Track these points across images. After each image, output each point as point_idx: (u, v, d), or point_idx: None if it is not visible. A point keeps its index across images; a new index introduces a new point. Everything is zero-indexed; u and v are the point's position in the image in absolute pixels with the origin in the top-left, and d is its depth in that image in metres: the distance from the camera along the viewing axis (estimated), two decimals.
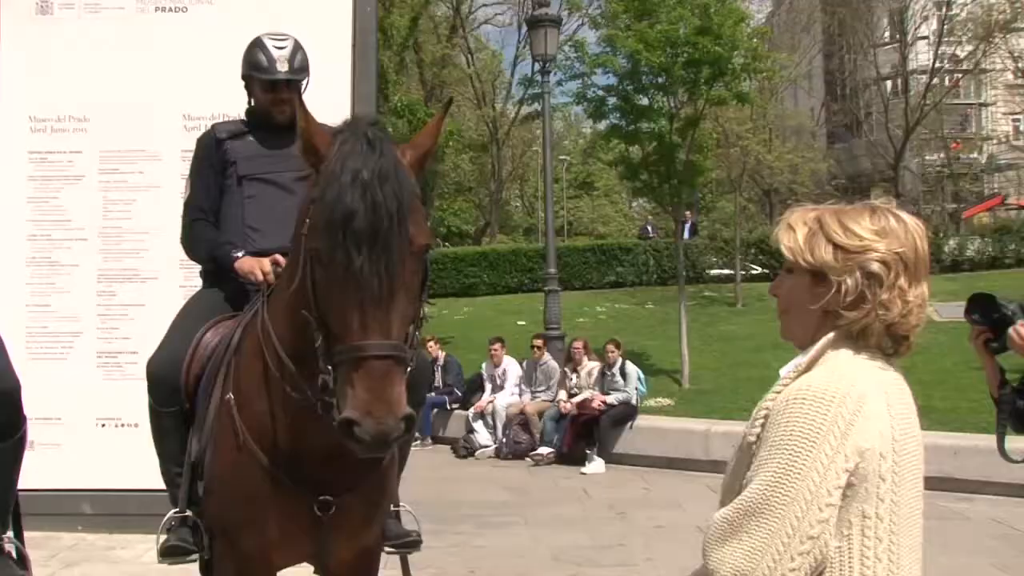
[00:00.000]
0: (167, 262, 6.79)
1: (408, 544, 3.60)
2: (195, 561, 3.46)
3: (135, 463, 5.49)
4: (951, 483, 8.75)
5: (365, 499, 3.12)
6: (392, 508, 3.54)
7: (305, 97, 3.93)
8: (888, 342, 1.99)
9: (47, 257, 7.02)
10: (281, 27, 4.20)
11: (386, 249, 2.45)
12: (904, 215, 2.03)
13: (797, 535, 1.84)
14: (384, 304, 2.45)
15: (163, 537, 3.42)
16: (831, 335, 1.98)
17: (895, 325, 1.96)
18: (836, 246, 1.98)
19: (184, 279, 6.42)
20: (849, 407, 1.86)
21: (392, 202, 2.47)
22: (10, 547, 3.48)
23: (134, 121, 7.08)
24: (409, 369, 2.53)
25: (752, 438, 1.96)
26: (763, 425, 1.94)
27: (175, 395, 3.51)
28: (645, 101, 15.57)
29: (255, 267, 3.49)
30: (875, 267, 1.94)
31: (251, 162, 3.90)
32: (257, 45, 3.98)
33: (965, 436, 9.45)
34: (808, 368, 1.97)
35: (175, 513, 3.43)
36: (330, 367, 2.50)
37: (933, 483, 8.25)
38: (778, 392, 1.95)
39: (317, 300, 2.57)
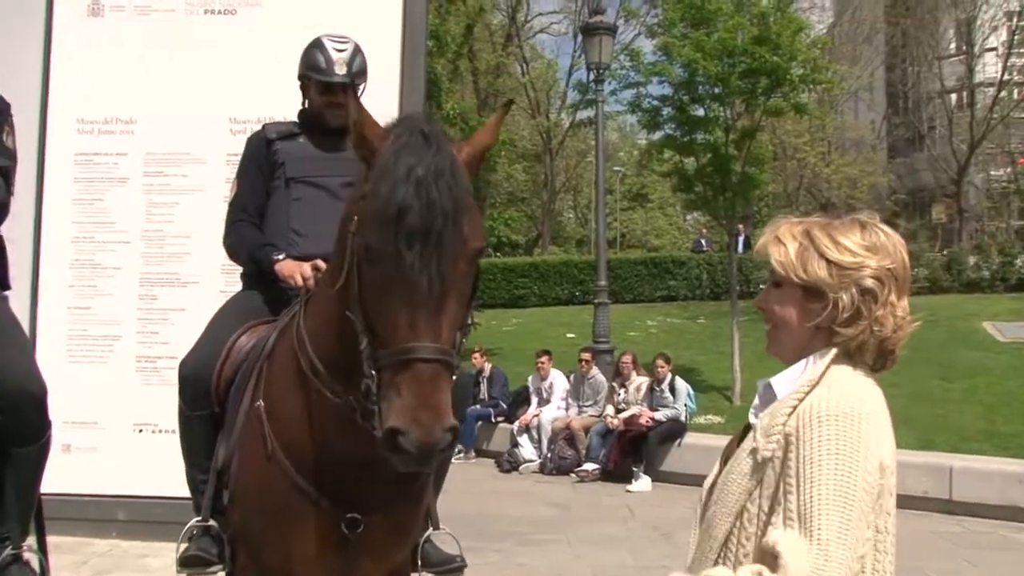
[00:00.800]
0: (209, 267, 6.78)
1: (451, 571, 3.48)
2: (216, 573, 3.37)
3: (171, 470, 5.39)
4: (1016, 512, 8.46)
5: (396, 519, 3.03)
6: (432, 530, 3.42)
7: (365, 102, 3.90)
8: (877, 358, 2.03)
9: (90, 259, 7.05)
10: (330, 30, 4.15)
11: (440, 247, 2.35)
12: (890, 230, 2.06)
13: (855, 556, 1.84)
14: (435, 305, 2.36)
15: (184, 545, 3.35)
16: (834, 351, 2.00)
17: (887, 340, 2.01)
18: (830, 262, 2.00)
19: (225, 284, 6.40)
20: (873, 425, 1.89)
21: (448, 200, 2.38)
22: (29, 556, 3.44)
23: (180, 124, 7.10)
24: (454, 378, 2.43)
25: (768, 454, 1.94)
26: (784, 444, 1.92)
27: (205, 398, 3.45)
28: (701, 112, 15.42)
29: (295, 271, 3.43)
30: (870, 283, 1.98)
31: (301, 164, 3.86)
32: (316, 46, 3.94)
33: None
34: (815, 386, 1.97)
35: (197, 522, 3.36)
36: (374, 372, 2.40)
37: (997, 512, 8.08)
38: (792, 406, 1.95)
39: (364, 300, 2.48)
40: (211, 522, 3.31)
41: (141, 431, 6.84)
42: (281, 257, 3.60)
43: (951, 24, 38.74)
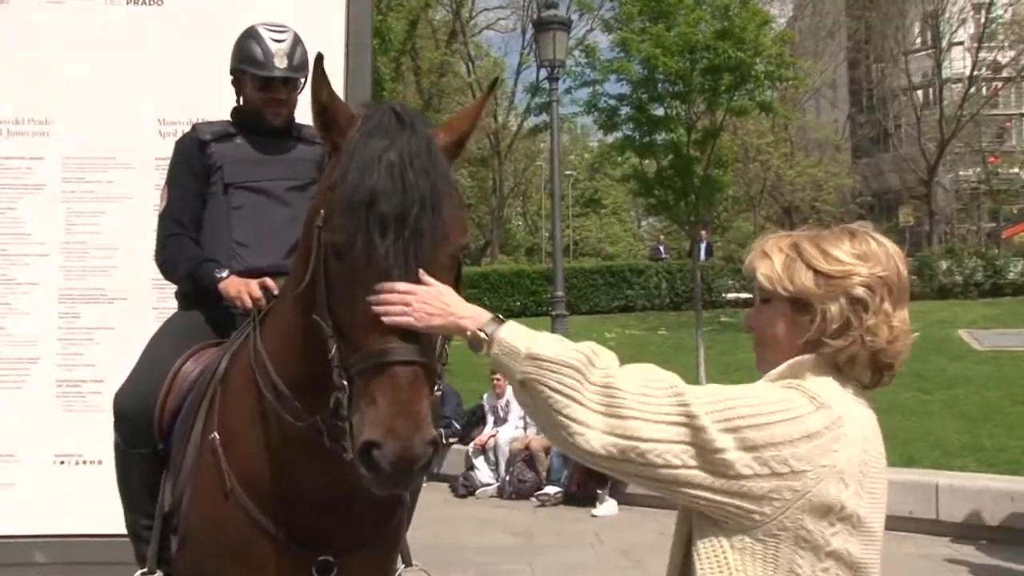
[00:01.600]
0: (138, 281, 6.52)
1: None
2: None
3: (97, 505, 5.25)
4: (1010, 533, 8.39)
5: (373, 560, 2.89)
6: (404, 568, 3.29)
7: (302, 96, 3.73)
8: (868, 372, 2.06)
9: (2, 275, 6.73)
10: (268, 20, 3.97)
11: (417, 236, 2.22)
12: (884, 239, 2.11)
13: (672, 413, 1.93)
14: None
15: None
16: (810, 356, 2.04)
17: (881, 352, 2.04)
18: (817, 272, 2.05)
19: (157, 300, 6.16)
20: (825, 419, 1.93)
21: (424, 184, 2.25)
22: None
23: (103, 125, 6.81)
24: (438, 391, 2.30)
25: None
26: None
27: (146, 433, 3.25)
28: (661, 111, 15.44)
29: (242, 291, 3.23)
30: (860, 292, 2.02)
31: (240, 168, 3.67)
32: (252, 36, 3.76)
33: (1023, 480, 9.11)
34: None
35: (143, 574, 3.18)
36: (345, 382, 2.25)
37: (988, 532, 7.94)
38: None
39: (331, 300, 2.34)
40: (158, 573, 3.13)
41: (63, 462, 6.54)
42: (224, 275, 3.39)
43: (917, 17, 39.31)
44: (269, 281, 3.16)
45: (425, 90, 36.93)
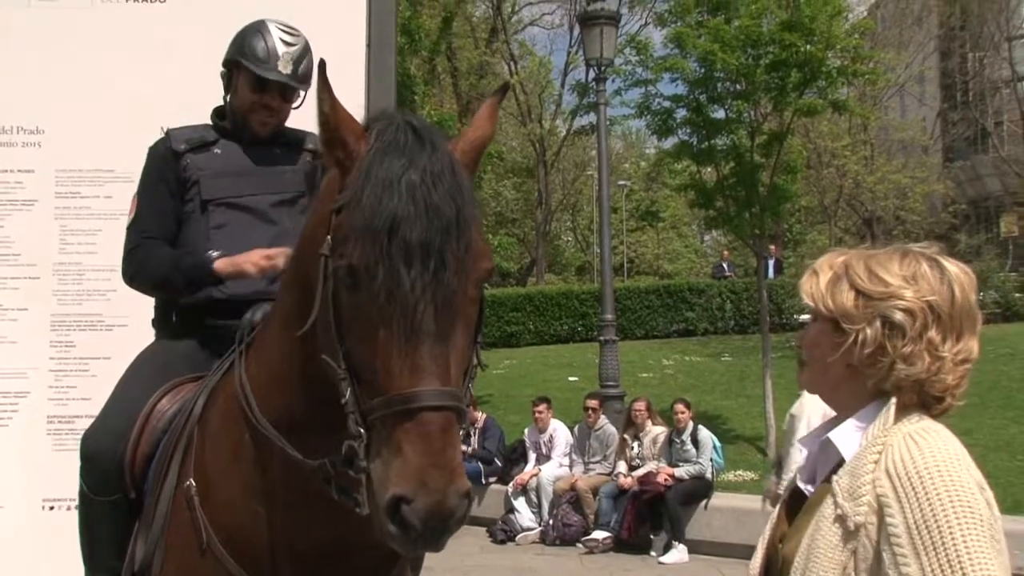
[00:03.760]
0: (138, 306, 6.45)
1: None
2: None
3: None
4: None
5: None
6: None
7: (300, 112, 3.71)
8: (920, 404, 2.07)
9: None
10: (280, 18, 3.96)
11: (444, 267, 2.19)
12: (946, 261, 2.12)
13: None
14: (441, 339, 2.19)
15: None
16: (894, 400, 2.05)
17: (925, 383, 2.05)
18: (859, 292, 2.10)
19: None
20: (975, 473, 1.95)
21: (450, 208, 2.23)
22: None
23: (100, 134, 6.86)
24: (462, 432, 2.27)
25: (860, 519, 1.97)
26: (877, 507, 1.96)
27: (116, 479, 3.23)
28: (721, 113, 15.41)
29: (242, 262, 3.26)
30: (898, 316, 2.05)
31: (220, 182, 3.63)
32: (259, 30, 3.74)
33: None
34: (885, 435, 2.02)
35: None
36: (362, 429, 2.21)
37: None
38: (875, 461, 2.00)
39: (344, 337, 2.29)
40: None
41: (52, 508, 6.57)
42: (216, 254, 3.39)
43: None
44: (271, 251, 3.21)
45: (463, 93, 37.04)
